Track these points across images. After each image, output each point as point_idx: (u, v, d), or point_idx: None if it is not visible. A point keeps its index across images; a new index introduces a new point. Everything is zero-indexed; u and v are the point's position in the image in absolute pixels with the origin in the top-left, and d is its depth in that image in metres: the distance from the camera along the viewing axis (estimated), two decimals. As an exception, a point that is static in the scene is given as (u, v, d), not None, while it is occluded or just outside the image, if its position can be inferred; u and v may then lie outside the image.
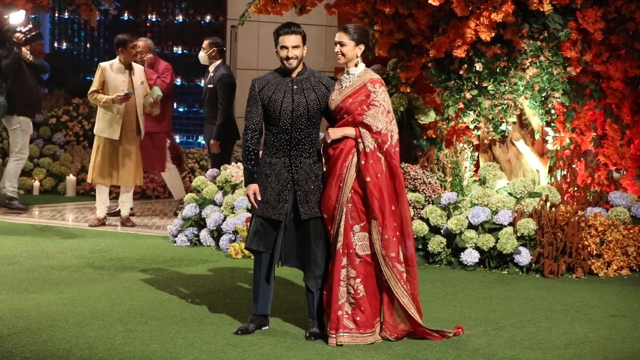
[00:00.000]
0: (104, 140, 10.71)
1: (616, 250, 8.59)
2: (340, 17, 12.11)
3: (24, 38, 11.43)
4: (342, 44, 6.24)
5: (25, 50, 11.51)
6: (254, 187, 6.29)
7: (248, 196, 6.30)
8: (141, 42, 11.36)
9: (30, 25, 11.63)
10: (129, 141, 10.77)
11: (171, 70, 11.63)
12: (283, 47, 6.24)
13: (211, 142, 10.91)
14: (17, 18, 11.76)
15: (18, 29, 11.47)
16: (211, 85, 10.98)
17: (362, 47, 6.29)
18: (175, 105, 16.07)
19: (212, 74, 11.05)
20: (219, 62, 11.11)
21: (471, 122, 9.80)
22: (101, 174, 10.75)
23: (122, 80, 10.71)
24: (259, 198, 6.27)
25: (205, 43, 11.15)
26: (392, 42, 9.87)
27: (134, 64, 11.02)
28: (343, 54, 6.25)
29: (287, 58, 6.24)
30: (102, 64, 10.90)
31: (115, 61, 10.81)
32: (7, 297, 7.15)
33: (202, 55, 11.17)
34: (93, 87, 10.74)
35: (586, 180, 9.66)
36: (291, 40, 6.23)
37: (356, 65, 6.28)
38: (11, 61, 11.50)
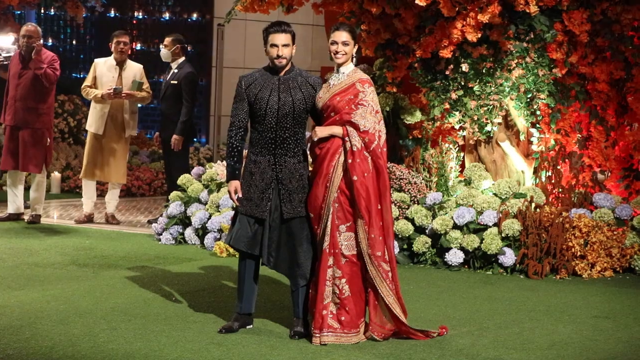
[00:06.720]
0: (91, 135, 10.77)
1: (600, 251, 8.61)
2: (327, 17, 12.11)
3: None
4: (346, 44, 6.20)
5: None
6: (235, 184, 6.29)
7: (229, 192, 6.30)
8: (31, 27, 10.70)
9: (10, 53, 11.30)
10: (114, 138, 10.77)
11: (58, 61, 10.76)
12: (273, 45, 6.22)
13: (175, 138, 10.67)
14: (4, 41, 11.57)
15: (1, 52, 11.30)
16: (175, 82, 10.75)
17: (357, 46, 6.32)
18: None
19: (175, 71, 10.84)
20: (182, 59, 10.91)
21: (457, 122, 9.82)
22: (87, 169, 10.78)
23: (112, 77, 10.71)
24: (240, 195, 6.27)
25: (168, 40, 10.92)
26: (379, 42, 9.89)
27: (131, 62, 10.98)
28: (345, 53, 6.23)
29: (277, 57, 6.22)
30: (96, 60, 10.97)
31: (110, 57, 10.84)
32: (-10, 294, 7.13)
33: (165, 53, 10.90)
34: (85, 82, 10.86)
35: (571, 181, 9.70)
36: (281, 38, 6.22)
37: (350, 64, 6.29)
38: None
